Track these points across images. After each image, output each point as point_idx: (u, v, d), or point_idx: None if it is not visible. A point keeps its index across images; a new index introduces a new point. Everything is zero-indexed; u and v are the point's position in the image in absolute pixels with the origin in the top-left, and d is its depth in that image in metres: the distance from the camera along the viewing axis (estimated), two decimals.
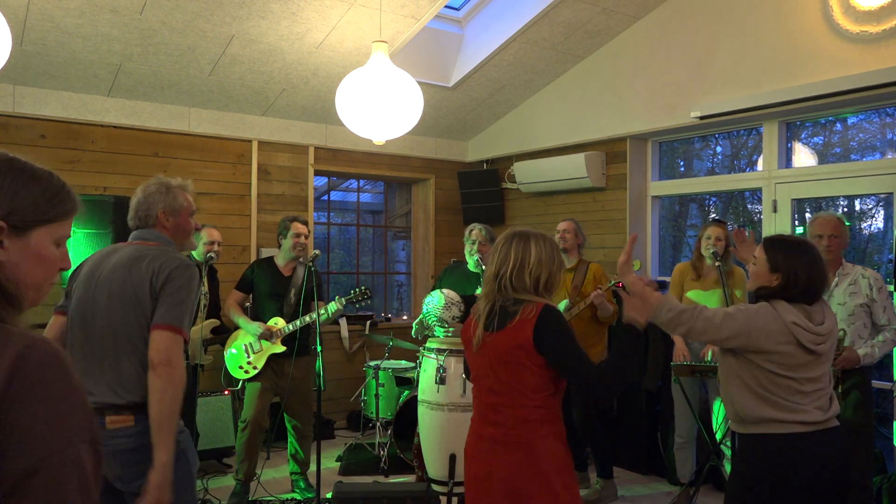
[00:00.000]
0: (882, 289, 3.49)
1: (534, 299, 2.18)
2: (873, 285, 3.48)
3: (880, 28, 3.98)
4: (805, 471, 2.22)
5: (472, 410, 2.35)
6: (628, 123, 5.41)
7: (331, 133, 6.06)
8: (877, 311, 3.47)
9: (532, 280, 2.19)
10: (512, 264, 2.20)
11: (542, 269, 2.20)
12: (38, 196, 1.07)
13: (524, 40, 5.22)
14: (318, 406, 3.75)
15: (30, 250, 1.06)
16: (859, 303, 3.47)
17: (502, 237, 2.29)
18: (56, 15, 4.13)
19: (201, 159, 5.50)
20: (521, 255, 2.21)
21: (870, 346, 3.42)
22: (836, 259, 3.54)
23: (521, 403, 2.14)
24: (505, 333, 2.16)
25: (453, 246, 6.62)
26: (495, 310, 2.21)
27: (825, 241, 3.47)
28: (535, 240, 2.24)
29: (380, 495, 3.35)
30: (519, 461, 2.13)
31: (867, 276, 3.50)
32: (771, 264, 2.33)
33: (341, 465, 4.90)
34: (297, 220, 4.29)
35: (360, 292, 4.19)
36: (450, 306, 3.98)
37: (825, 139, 4.84)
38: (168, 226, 2.32)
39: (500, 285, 2.21)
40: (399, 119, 3.85)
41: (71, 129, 4.99)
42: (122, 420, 2.07)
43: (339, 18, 4.58)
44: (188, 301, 2.15)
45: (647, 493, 4.51)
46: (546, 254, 2.22)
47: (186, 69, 4.89)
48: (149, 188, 2.33)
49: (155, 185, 2.34)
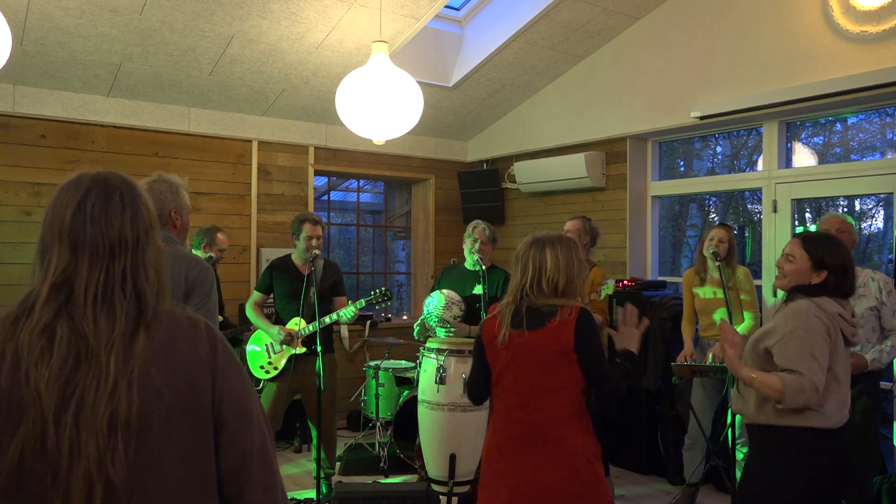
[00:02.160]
0: (892, 292, 3.45)
1: (564, 302, 2.26)
2: (883, 288, 3.44)
3: (880, 28, 3.98)
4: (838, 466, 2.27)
5: (490, 411, 2.38)
6: (628, 123, 5.41)
7: (331, 133, 6.06)
8: (885, 315, 3.43)
9: (550, 287, 2.27)
10: (531, 274, 2.28)
11: (560, 276, 2.27)
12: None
13: (524, 40, 5.22)
14: (319, 406, 3.75)
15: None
16: (869, 306, 3.43)
17: (523, 245, 2.37)
18: (56, 15, 4.13)
19: (201, 159, 5.50)
20: (539, 264, 2.28)
21: (877, 351, 3.38)
22: None
23: (553, 400, 2.21)
24: (545, 333, 2.22)
25: (453, 246, 6.62)
26: (522, 310, 2.27)
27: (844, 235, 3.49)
28: (552, 246, 2.30)
29: (380, 495, 3.35)
30: (550, 456, 2.19)
31: (877, 279, 3.47)
32: (815, 261, 2.31)
33: (341, 464, 4.90)
34: (307, 221, 4.11)
35: (381, 293, 4.09)
36: (450, 306, 3.98)
37: (825, 139, 4.84)
38: (178, 225, 2.38)
39: (522, 294, 2.29)
40: (399, 119, 3.85)
41: (71, 129, 4.99)
42: None
43: (339, 18, 4.58)
44: (214, 298, 2.28)
45: (646, 492, 4.51)
46: (563, 259, 2.28)
47: (186, 69, 4.89)
48: (158, 188, 2.35)
49: (164, 184, 2.37)
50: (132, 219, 1.21)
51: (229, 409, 1.20)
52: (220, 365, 1.21)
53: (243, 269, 5.65)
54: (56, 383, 1.09)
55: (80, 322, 1.13)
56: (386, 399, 5.11)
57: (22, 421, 1.08)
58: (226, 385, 1.21)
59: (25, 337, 1.11)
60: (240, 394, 1.23)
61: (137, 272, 1.19)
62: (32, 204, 4.82)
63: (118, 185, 1.23)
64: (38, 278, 1.17)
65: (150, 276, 1.20)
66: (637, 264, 5.57)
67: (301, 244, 4.09)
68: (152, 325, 1.17)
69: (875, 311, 3.44)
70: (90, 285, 1.15)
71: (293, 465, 5.05)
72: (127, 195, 1.22)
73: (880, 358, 3.38)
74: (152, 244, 1.24)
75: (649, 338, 4.80)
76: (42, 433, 1.08)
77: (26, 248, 4.76)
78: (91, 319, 1.13)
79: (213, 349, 1.22)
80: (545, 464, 2.19)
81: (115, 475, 1.08)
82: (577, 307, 2.24)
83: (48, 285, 1.15)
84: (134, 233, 1.20)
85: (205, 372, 1.19)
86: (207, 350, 1.21)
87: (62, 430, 1.08)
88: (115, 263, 1.17)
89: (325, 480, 4.30)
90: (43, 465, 1.08)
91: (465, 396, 3.65)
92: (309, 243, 4.05)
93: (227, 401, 1.20)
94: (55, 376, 1.09)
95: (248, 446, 1.22)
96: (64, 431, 1.08)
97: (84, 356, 1.11)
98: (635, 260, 5.56)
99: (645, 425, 4.83)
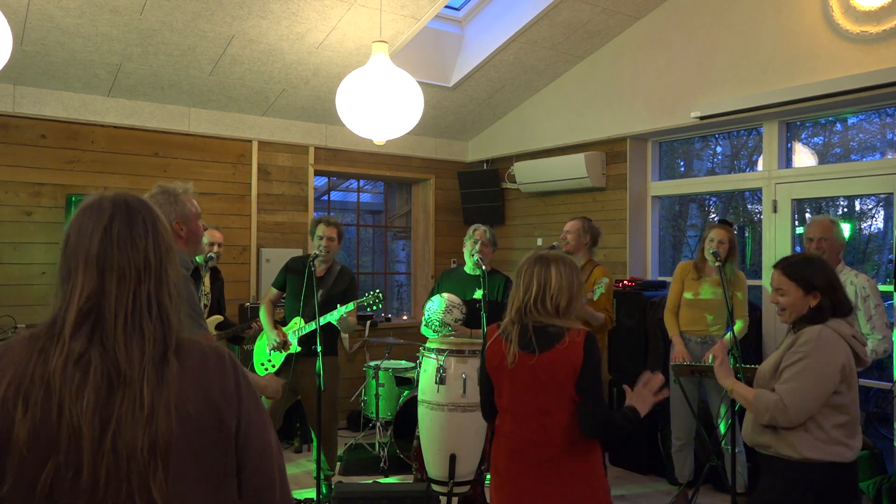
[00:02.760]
0: (869, 297, 3.43)
1: (569, 324, 2.28)
2: (859, 293, 3.43)
3: (880, 28, 3.98)
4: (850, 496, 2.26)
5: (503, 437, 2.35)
6: (628, 123, 5.41)
7: (331, 133, 6.06)
8: (861, 320, 3.41)
9: (553, 305, 2.27)
10: (535, 291, 2.28)
11: (563, 295, 2.28)
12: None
13: (524, 40, 5.22)
14: (319, 406, 3.75)
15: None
16: None
17: (526, 261, 2.37)
18: (56, 15, 4.13)
19: (201, 159, 5.50)
20: (543, 281, 2.29)
21: None
22: (832, 262, 3.53)
23: (571, 421, 2.23)
24: (555, 353, 2.23)
25: (453, 246, 6.62)
26: (529, 330, 2.27)
27: (815, 243, 3.51)
28: (556, 265, 2.31)
29: (380, 495, 3.35)
30: (573, 474, 2.23)
31: (855, 283, 3.46)
32: (804, 286, 2.28)
33: (341, 465, 4.90)
34: (321, 222, 4.14)
35: (374, 296, 4.12)
36: (451, 309, 3.98)
37: (825, 139, 4.84)
38: (183, 235, 2.27)
39: (526, 310, 2.30)
40: (399, 119, 3.85)
41: (71, 129, 4.99)
42: None
43: (339, 18, 4.58)
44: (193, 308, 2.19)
45: (646, 492, 4.51)
46: (566, 279, 2.29)
47: (186, 69, 4.89)
48: (157, 201, 2.24)
49: (162, 196, 2.27)
50: (154, 241, 1.23)
51: (254, 448, 1.23)
52: (244, 399, 1.24)
53: (243, 269, 5.65)
54: (95, 414, 1.09)
55: (112, 348, 1.13)
56: (386, 399, 5.11)
57: (53, 452, 1.07)
58: (248, 420, 1.23)
59: (59, 367, 1.10)
60: (261, 431, 1.25)
61: (161, 294, 1.20)
62: (32, 204, 4.82)
63: (139, 207, 1.25)
64: (61, 301, 1.17)
65: (172, 298, 1.22)
66: (637, 264, 5.57)
67: (315, 243, 4.14)
68: (181, 352, 1.19)
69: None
70: (119, 309, 1.15)
71: (293, 465, 5.05)
72: (148, 218, 1.24)
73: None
74: (173, 265, 1.25)
75: (649, 338, 4.81)
76: (77, 464, 1.08)
77: (26, 248, 4.76)
78: (122, 345, 1.13)
79: (238, 384, 1.24)
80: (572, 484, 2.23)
81: (157, 495, 1.09)
82: (584, 329, 2.28)
83: (75, 310, 1.14)
84: (157, 255, 1.22)
85: (231, 407, 1.21)
86: (233, 385, 1.23)
87: (100, 459, 1.08)
88: (141, 287, 1.18)
89: (324, 481, 4.30)
90: (75, 497, 1.08)
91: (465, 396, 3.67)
92: (321, 243, 4.09)
93: (252, 443, 1.23)
94: (92, 407, 1.09)
95: (269, 479, 1.25)
96: (101, 460, 1.08)
97: (118, 383, 1.11)
98: (635, 260, 5.57)
99: (645, 425, 4.82)
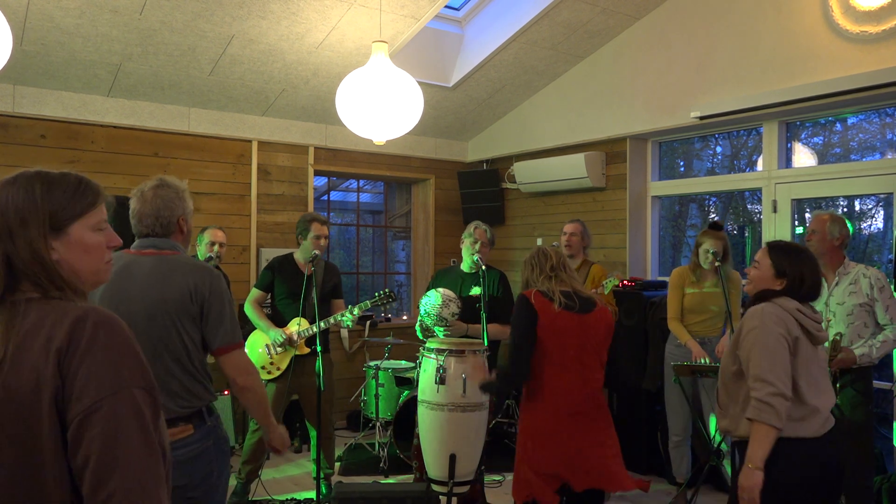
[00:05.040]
0: (885, 287, 3.46)
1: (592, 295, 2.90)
2: (874, 284, 3.45)
3: (880, 28, 3.98)
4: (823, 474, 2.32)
5: (542, 394, 2.70)
6: (628, 123, 5.41)
7: (331, 133, 6.06)
8: (878, 311, 3.44)
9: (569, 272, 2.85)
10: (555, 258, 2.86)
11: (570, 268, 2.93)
12: (61, 197, 1.24)
13: (524, 40, 5.22)
14: (319, 406, 3.75)
15: (73, 244, 1.24)
16: (858, 303, 3.45)
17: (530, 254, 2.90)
18: (56, 15, 4.13)
19: (201, 159, 5.50)
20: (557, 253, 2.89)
21: (867, 346, 3.40)
22: (837, 257, 3.54)
23: (601, 375, 2.73)
24: (595, 316, 2.73)
25: (453, 246, 6.62)
26: (573, 294, 2.74)
27: (808, 237, 3.57)
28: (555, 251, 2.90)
29: (380, 495, 3.35)
30: (599, 421, 2.70)
31: (868, 276, 3.48)
32: (777, 269, 2.46)
33: (341, 465, 4.90)
34: (316, 221, 4.12)
35: (385, 295, 4.11)
36: (448, 303, 3.98)
37: (825, 139, 4.84)
38: (185, 231, 2.28)
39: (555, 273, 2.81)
40: (399, 119, 3.85)
41: (71, 129, 4.99)
42: (180, 431, 2.06)
43: (339, 18, 4.58)
44: (232, 309, 2.23)
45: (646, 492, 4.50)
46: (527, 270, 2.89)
47: (186, 69, 4.89)
48: (165, 194, 2.23)
49: (171, 190, 2.25)
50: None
51: (79, 406, 1.16)
52: (70, 354, 1.19)
53: (243, 269, 5.65)
54: None
55: None
56: (386, 399, 5.11)
57: None
58: (73, 378, 1.17)
59: None
60: (96, 389, 1.18)
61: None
62: None
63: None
64: None
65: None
66: (637, 264, 5.57)
67: (308, 244, 4.10)
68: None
69: (866, 307, 3.45)
70: None
71: (293, 465, 5.05)
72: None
73: (870, 353, 3.38)
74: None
75: (649, 338, 4.80)
76: None
77: None
78: None
79: (69, 338, 1.17)
80: (601, 433, 2.68)
81: None
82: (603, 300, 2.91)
83: None
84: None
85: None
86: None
87: None
88: None
89: (324, 481, 4.29)
90: None
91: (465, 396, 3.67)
92: (317, 243, 4.07)
93: (76, 396, 1.16)
94: None
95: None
96: None
97: None
98: (635, 260, 5.57)
99: (645, 425, 4.82)
